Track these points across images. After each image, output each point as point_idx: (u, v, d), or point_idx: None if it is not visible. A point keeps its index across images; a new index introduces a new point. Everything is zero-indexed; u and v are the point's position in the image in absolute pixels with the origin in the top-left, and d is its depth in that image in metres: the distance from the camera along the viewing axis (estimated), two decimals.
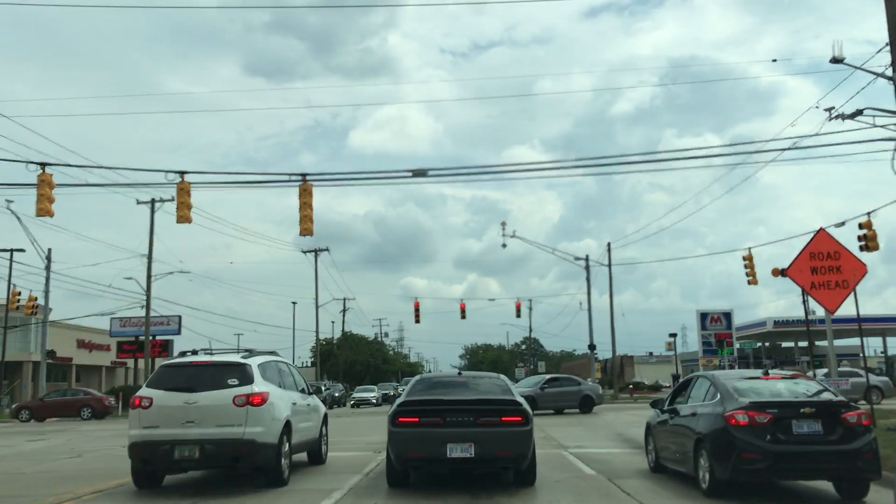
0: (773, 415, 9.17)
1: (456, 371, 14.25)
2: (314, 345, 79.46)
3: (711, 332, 43.73)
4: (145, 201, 40.63)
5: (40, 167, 18.79)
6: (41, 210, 18.58)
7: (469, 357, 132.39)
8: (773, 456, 9.00)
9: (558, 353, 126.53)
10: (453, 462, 9.97)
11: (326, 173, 36.97)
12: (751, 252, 35.55)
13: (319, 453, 13.86)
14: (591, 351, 56.57)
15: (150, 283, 42.39)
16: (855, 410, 9.37)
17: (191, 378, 10.96)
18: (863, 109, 19.39)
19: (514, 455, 10.10)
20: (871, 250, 24.09)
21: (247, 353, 12.00)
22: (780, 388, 10.07)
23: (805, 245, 14.41)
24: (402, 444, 10.19)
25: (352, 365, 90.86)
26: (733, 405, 9.49)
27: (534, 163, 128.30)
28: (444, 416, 10.09)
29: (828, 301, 14.21)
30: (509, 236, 47.52)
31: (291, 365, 13.95)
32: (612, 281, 51.87)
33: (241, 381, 10.87)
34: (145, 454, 10.69)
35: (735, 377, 10.58)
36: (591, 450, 16.03)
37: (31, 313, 44.59)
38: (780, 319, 61.18)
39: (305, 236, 21.24)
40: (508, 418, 10.15)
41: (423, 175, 21.68)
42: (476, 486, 10.78)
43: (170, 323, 54.78)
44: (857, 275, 13.93)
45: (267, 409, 10.85)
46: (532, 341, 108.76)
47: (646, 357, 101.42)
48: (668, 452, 11.44)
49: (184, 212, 20.17)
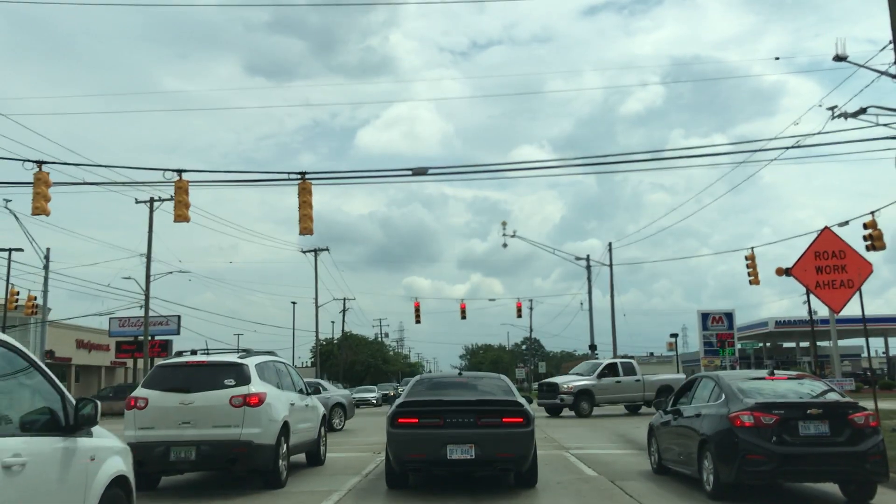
0: (779, 416, 9.03)
1: (456, 371, 14.11)
2: (314, 345, 79.28)
3: (713, 333, 43.60)
4: (144, 200, 40.48)
5: (37, 165, 18.65)
6: (37, 209, 18.43)
7: (469, 357, 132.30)
8: (778, 458, 8.85)
9: (559, 353, 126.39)
10: (453, 464, 9.82)
11: (326, 172, 36.92)
12: (753, 252, 35.34)
13: (318, 454, 13.72)
14: (592, 351, 56.35)
15: (149, 282, 42.25)
16: (862, 411, 9.23)
17: (187, 378, 10.82)
18: (866, 108, 19.32)
19: (516, 457, 9.96)
20: (878, 250, 23.92)
21: (244, 353, 11.88)
22: (785, 388, 9.92)
23: (810, 244, 14.25)
24: (401, 446, 10.04)
25: (352, 365, 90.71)
26: (738, 406, 9.34)
27: (536, 161, 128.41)
28: (444, 417, 9.95)
29: (833, 301, 14.05)
30: (510, 236, 47.36)
31: (290, 365, 13.80)
32: (614, 281, 51.76)
33: (238, 382, 10.73)
34: (140, 455, 10.48)
35: (740, 377, 10.43)
36: (593, 451, 15.88)
37: (29, 313, 44.45)
38: (782, 320, 61.10)
39: (305, 235, 21.07)
40: (509, 419, 10.01)
41: (424, 174, 21.52)
42: (476, 488, 10.65)
43: (169, 323, 54.61)
44: (862, 274, 13.76)
45: (264, 409, 10.70)
46: (532, 341, 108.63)
47: (647, 357, 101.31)
48: (672, 454, 11.28)
49: (182, 210, 20.01)
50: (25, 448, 4.75)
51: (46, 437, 5.11)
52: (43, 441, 5.04)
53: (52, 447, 5.12)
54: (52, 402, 5.37)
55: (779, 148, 23.07)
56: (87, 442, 5.58)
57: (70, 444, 5.34)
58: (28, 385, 5.26)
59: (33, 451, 4.83)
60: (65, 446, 5.27)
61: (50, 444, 5.11)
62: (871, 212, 24.77)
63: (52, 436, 5.18)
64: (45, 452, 5.00)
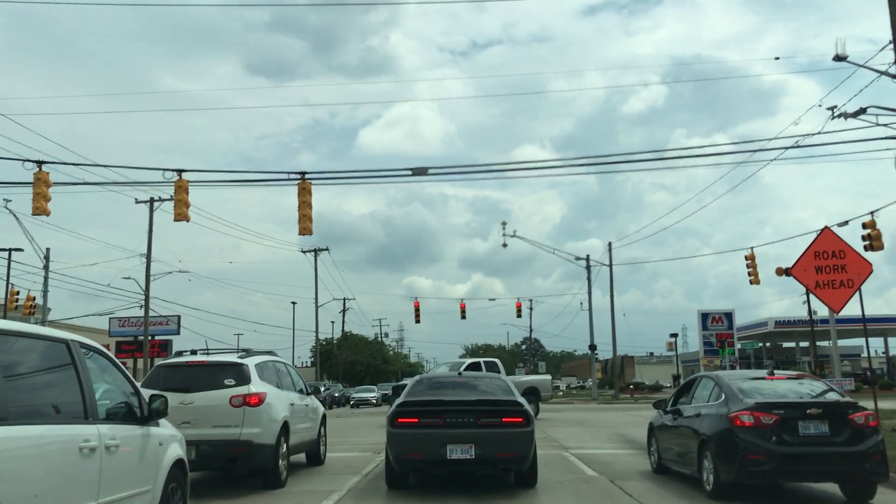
0: (779, 416, 9.02)
1: (456, 371, 14.10)
2: (314, 345, 79.28)
3: (713, 333, 43.68)
4: (144, 200, 40.46)
5: (37, 165, 18.64)
6: (37, 209, 18.44)
7: (469, 357, 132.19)
8: (778, 458, 8.85)
9: (559, 353, 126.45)
10: (453, 463, 9.82)
11: (326, 172, 36.84)
12: (753, 252, 35.33)
13: (318, 454, 13.72)
14: (592, 351, 56.42)
15: (149, 282, 42.23)
16: (862, 411, 9.22)
17: (187, 378, 10.82)
18: (866, 108, 19.30)
19: (516, 456, 9.95)
20: (876, 250, 23.91)
21: (244, 353, 11.87)
22: (785, 388, 9.92)
23: (810, 244, 14.24)
24: (401, 446, 10.03)
25: (352, 365, 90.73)
26: (738, 406, 9.33)
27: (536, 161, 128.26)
28: (444, 417, 9.94)
29: (832, 301, 14.05)
30: (510, 236, 47.45)
31: (290, 365, 13.79)
32: (613, 281, 51.76)
33: (238, 382, 10.73)
34: None
35: (740, 377, 10.42)
36: (593, 451, 15.88)
37: (29, 313, 44.42)
38: (782, 320, 61.14)
39: (304, 235, 21.04)
40: (509, 419, 10.00)
41: (424, 174, 21.52)
42: (476, 487, 10.64)
43: (169, 323, 54.63)
44: (862, 274, 13.76)
45: (264, 409, 10.70)
46: (532, 341, 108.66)
47: (646, 357, 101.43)
48: (672, 454, 11.28)
49: (181, 210, 20.01)
50: (118, 433, 5.86)
51: (128, 426, 6.20)
52: (126, 428, 6.13)
53: (133, 434, 6.22)
54: (131, 397, 6.49)
55: (779, 148, 23.08)
56: (156, 430, 6.70)
57: (145, 432, 6.44)
58: (113, 383, 6.38)
59: (123, 436, 5.95)
60: (142, 433, 6.38)
61: (131, 431, 6.20)
62: (871, 212, 24.78)
63: (131, 424, 6.28)
64: (129, 437, 6.11)
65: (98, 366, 6.05)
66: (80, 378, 5.60)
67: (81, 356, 5.72)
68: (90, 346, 6.05)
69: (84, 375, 5.64)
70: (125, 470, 5.92)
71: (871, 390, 15.03)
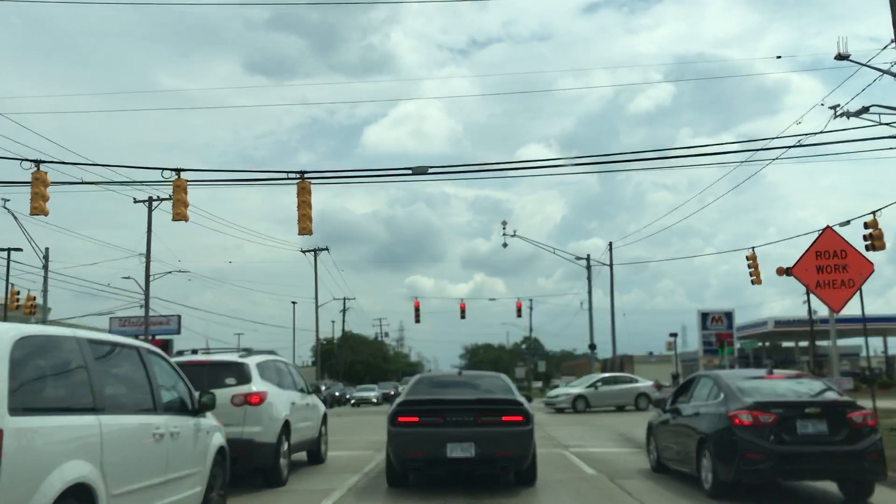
0: (778, 415, 9.05)
1: (456, 370, 14.14)
2: (314, 344, 79.36)
3: (712, 332, 43.72)
4: (142, 200, 40.45)
5: (35, 165, 18.64)
6: (35, 209, 18.42)
7: (469, 357, 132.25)
8: (777, 456, 8.88)
9: (559, 352, 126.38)
10: (453, 462, 9.86)
11: (325, 171, 36.87)
12: (754, 251, 35.30)
13: (319, 453, 13.76)
14: (592, 350, 56.44)
15: (149, 282, 42.26)
16: (860, 410, 9.26)
17: (188, 377, 10.80)
18: (868, 107, 19.28)
19: (515, 455, 9.99)
20: (878, 249, 23.86)
21: (245, 353, 11.91)
22: (784, 387, 9.96)
23: (811, 244, 14.25)
24: (401, 444, 10.07)
25: (352, 364, 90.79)
26: (737, 405, 9.36)
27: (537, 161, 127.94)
28: (444, 416, 9.98)
29: (833, 300, 14.06)
30: (510, 235, 47.41)
31: (290, 364, 13.82)
32: (613, 281, 51.74)
33: (239, 381, 10.76)
34: None
35: (739, 376, 10.46)
36: (592, 449, 15.92)
37: (29, 313, 44.43)
38: (782, 319, 61.07)
39: (304, 235, 21.03)
40: (509, 418, 10.04)
41: (424, 173, 21.49)
42: (476, 486, 10.67)
43: (169, 322, 54.67)
44: (863, 274, 13.77)
45: (265, 408, 10.74)
46: (532, 341, 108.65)
47: (646, 357, 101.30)
48: (671, 452, 11.32)
49: (180, 209, 19.99)
50: (177, 423, 7.01)
51: (183, 417, 7.30)
52: (182, 419, 7.23)
53: (187, 424, 7.32)
54: (184, 393, 7.61)
55: (780, 147, 22.93)
56: (205, 421, 7.87)
57: (196, 423, 7.57)
58: (170, 380, 7.42)
59: (181, 425, 7.09)
60: (194, 423, 7.50)
61: (186, 422, 7.30)
62: (873, 211, 24.75)
63: (185, 416, 7.38)
64: (185, 427, 7.22)
65: (159, 367, 7.16)
66: (150, 378, 6.79)
67: (149, 359, 6.94)
68: (153, 351, 7.32)
69: (152, 375, 6.84)
70: (183, 453, 7.01)
71: (870, 389, 15.05)
